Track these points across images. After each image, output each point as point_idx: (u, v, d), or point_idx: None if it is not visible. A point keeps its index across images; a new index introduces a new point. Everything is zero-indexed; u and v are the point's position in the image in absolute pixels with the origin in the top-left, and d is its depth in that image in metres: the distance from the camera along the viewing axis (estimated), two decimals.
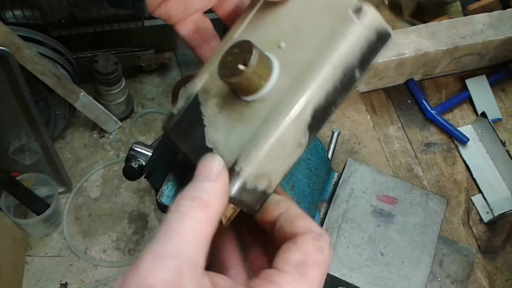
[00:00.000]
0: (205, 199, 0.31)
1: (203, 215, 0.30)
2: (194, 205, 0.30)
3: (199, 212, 0.30)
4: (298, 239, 0.32)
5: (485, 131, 1.08)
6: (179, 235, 0.28)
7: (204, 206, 0.30)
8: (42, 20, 1.04)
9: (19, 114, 0.92)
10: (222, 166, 0.33)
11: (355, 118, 1.08)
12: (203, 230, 0.29)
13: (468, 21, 1.12)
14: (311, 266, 0.31)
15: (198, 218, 0.29)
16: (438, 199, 0.79)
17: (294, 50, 0.36)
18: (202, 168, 0.33)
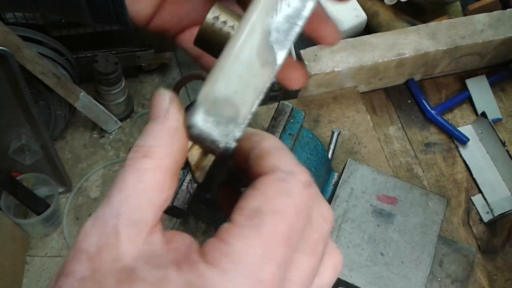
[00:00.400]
0: (150, 145, 0.26)
1: (149, 163, 0.25)
2: (138, 155, 0.26)
3: (144, 161, 0.25)
4: (257, 181, 0.25)
5: (485, 131, 1.08)
6: (120, 193, 0.25)
7: (149, 153, 0.26)
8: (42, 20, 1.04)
9: (19, 114, 0.92)
10: (169, 100, 0.28)
11: (355, 118, 1.08)
12: (152, 180, 0.25)
13: (468, 21, 1.12)
14: (269, 214, 0.24)
15: (142, 168, 0.25)
16: (438, 199, 0.79)
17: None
18: (150, 107, 0.28)
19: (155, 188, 0.25)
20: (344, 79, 1.07)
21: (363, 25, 1.19)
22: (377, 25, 1.21)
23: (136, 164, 0.25)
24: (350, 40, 1.07)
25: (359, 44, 1.07)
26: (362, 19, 1.17)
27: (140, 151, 0.26)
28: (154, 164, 0.25)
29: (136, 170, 0.25)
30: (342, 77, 1.06)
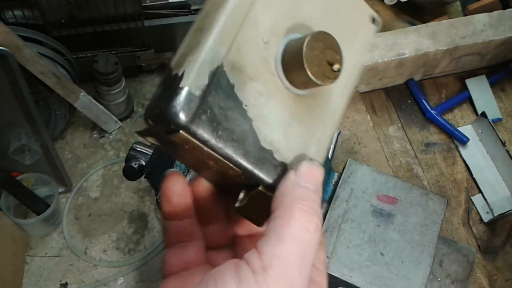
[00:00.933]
0: (320, 221, 0.29)
1: (319, 234, 0.29)
2: (319, 227, 0.29)
3: (320, 237, 0.29)
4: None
5: (485, 131, 1.08)
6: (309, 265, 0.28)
7: (319, 227, 0.29)
8: (42, 20, 1.04)
9: (19, 114, 0.92)
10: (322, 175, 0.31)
11: (355, 118, 1.08)
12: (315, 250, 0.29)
13: (468, 21, 1.12)
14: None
15: (318, 244, 0.29)
16: (438, 199, 0.79)
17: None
18: (309, 174, 0.30)
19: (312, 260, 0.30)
20: None
21: None
22: None
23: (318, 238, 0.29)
24: None
25: None
26: None
27: (320, 222, 0.30)
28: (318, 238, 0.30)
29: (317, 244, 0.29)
30: None
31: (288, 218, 0.28)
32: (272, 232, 0.28)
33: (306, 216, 0.28)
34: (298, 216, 0.28)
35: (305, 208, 0.28)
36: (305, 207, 0.28)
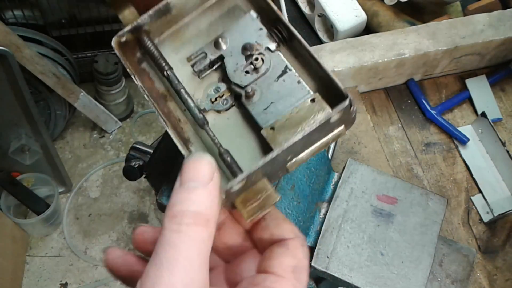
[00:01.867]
0: (205, 215, 0.29)
1: (206, 233, 0.29)
2: (196, 223, 0.28)
3: (202, 231, 0.29)
4: (289, 244, 0.34)
5: (485, 131, 1.08)
6: (187, 262, 0.27)
7: (206, 223, 0.29)
8: (42, 20, 1.04)
9: (19, 114, 0.92)
10: (213, 166, 0.31)
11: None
12: (207, 249, 0.29)
13: (468, 21, 1.11)
14: (303, 271, 0.33)
15: (202, 238, 0.28)
16: (438, 199, 0.79)
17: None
18: (191, 171, 0.30)
19: (208, 256, 0.29)
20: (344, 79, 1.07)
21: (363, 25, 1.19)
22: (377, 25, 1.21)
23: (196, 234, 0.28)
24: (350, 40, 1.07)
25: (359, 44, 1.07)
26: (362, 19, 1.17)
27: (197, 219, 0.29)
28: (209, 234, 0.29)
29: (197, 240, 0.28)
30: (342, 77, 1.06)
31: (161, 231, 0.29)
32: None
33: (174, 221, 0.28)
34: (166, 225, 0.29)
35: (173, 214, 0.29)
36: (173, 213, 0.29)
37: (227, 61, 0.43)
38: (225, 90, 0.44)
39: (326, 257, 0.72)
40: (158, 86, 0.45)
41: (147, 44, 0.42)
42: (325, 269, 0.71)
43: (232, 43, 0.44)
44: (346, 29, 1.16)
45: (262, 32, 0.44)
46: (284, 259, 0.32)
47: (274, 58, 0.44)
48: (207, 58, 0.43)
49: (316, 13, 1.21)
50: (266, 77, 0.44)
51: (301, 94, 0.45)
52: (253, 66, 0.43)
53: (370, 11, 1.21)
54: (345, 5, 1.17)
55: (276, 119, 0.44)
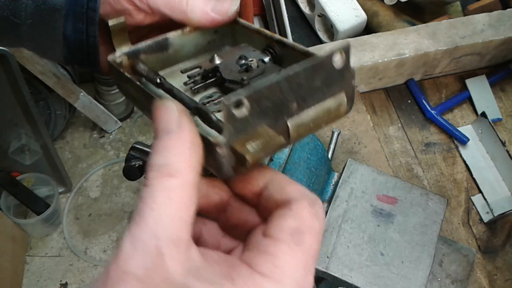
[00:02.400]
0: (171, 163, 0.27)
1: (175, 181, 0.27)
2: (162, 174, 0.27)
3: (170, 180, 0.27)
4: (292, 204, 0.30)
5: (485, 131, 1.08)
6: (153, 212, 0.26)
7: (173, 171, 0.27)
8: None
9: (19, 114, 0.92)
10: (178, 111, 0.29)
11: (355, 118, 1.08)
12: (180, 197, 0.26)
13: (468, 21, 1.12)
14: (307, 233, 0.29)
15: (170, 186, 0.26)
16: (438, 199, 0.79)
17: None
18: (158, 120, 0.28)
19: (184, 205, 0.27)
20: None
21: (363, 25, 1.19)
22: (377, 25, 1.21)
23: (163, 183, 0.26)
24: (350, 40, 1.07)
25: (359, 44, 1.07)
26: (362, 19, 1.17)
27: (163, 169, 0.27)
28: (179, 182, 0.27)
29: (164, 188, 0.26)
30: None
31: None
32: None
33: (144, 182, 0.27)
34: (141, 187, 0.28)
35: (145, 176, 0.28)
36: (145, 174, 0.27)
37: (222, 68, 0.43)
38: (218, 96, 0.43)
39: (326, 257, 0.72)
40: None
41: (141, 68, 0.42)
42: (325, 269, 0.71)
43: (227, 57, 0.44)
44: (346, 29, 1.16)
45: (256, 52, 0.44)
46: (284, 220, 0.29)
47: (268, 66, 0.44)
48: (201, 70, 0.43)
49: (316, 13, 1.21)
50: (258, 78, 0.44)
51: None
52: (247, 67, 0.43)
53: (370, 11, 1.21)
54: (345, 5, 1.17)
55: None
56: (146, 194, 0.26)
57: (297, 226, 0.29)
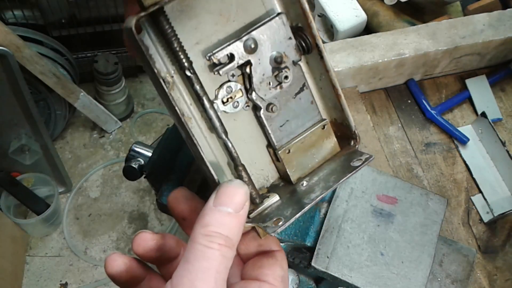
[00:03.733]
0: (233, 239, 0.34)
1: (231, 254, 0.34)
2: (226, 245, 0.34)
3: (229, 252, 0.34)
4: (277, 255, 0.39)
5: (485, 131, 1.08)
6: (218, 274, 0.32)
7: (233, 246, 0.34)
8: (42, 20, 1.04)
9: (19, 114, 0.92)
10: (246, 195, 0.36)
11: (355, 118, 1.08)
12: (229, 266, 0.34)
13: (468, 21, 1.11)
14: (287, 281, 0.38)
15: (228, 258, 0.34)
16: (438, 199, 0.79)
17: None
18: (228, 196, 0.35)
19: (227, 275, 0.34)
20: (344, 79, 1.07)
21: (363, 25, 1.19)
22: (377, 25, 1.21)
23: (226, 253, 0.34)
24: (350, 40, 1.07)
25: (359, 44, 1.07)
26: (362, 19, 1.17)
27: (227, 242, 0.34)
28: (233, 255, 0.34)
29: (226, 258, 0.33)
30: (342, 77, 1.06)
31: (192, 243, 0.34)
32: (182, 258, 0.34)
33: (208, 239, 0.33)
34: (200, 240, 0.34)
35: (206, 233, 0.34)
36: (207, 232, 0.34)
37: (254, 69, 0.41)
38: (238, 90, 0.42)
39: (326, 257, 0.72)
40: (160, 68, 0.40)
41: (166, 29, 0.37)
42: (325, 269, 0.71)
43: (261, 48, 0.41)
44: (346, 29, 1.16)
45: (291, 42, 0.42)
46: (276, 269, 0.37)
47: (295, 72, 0.43)
48: (234, 60, 0.40)
49: (316, 13, 1.21)
50: (285, 93, 0.43)
51: (313, 116, 0.45)
52: (279, 81, 0.42)
53: (370, 11, 1.21)
54: (345, 5, 1.17)
55: (289, 139, 0.45)
56: (211, 255, 0.33)
57: (283, 274, 0.38)
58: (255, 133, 0.44)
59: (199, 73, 0.41)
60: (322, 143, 0.46)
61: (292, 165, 0.44)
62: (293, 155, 0.44)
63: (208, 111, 0.40)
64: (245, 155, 0.44)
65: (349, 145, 0.47)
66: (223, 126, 0.41)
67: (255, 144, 0.45)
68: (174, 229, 1.67)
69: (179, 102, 0.41)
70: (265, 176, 0.46)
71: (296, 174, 0.46)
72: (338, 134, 0.47)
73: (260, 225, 0.39)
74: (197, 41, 0.40)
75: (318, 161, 0.46)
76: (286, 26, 0.42)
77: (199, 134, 0.42)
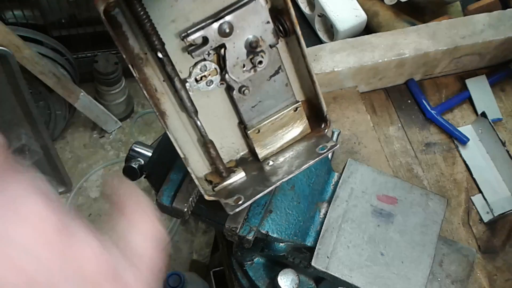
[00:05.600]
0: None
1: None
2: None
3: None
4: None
5: (485, 131, 1.08)
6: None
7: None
8: (42, 20, 1.04)
9: (19, 114, 0.92)
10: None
11: (355, 118, 1.08)
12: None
13: (468, 21, 1.11)
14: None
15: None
16: (438, 199, 0.79)
17: None
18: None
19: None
20: (344, 79, 1.07)
21: (363, 25, 1.19)
22: (377, 25, 1.21)
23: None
24: (350, 40, 1.07)
25: (359, 44, 1.07)
26: (362, 19, 1.17)
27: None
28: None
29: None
30: (342, 77, 1.06)
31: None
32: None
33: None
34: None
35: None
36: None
37: (228, 52, 0.41)
38: (213, 70, 0.42)
39: (326, 257, 0.72)
40: (133, 44, 0.40)
41: (138, 11, 0.37)
42: (325, 269, 0.71)
43: (237, 32, 0.41)
44: (346, 29, 1.16)
45: (268, 26, 0.42)
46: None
47: (272, 55, 0.43)
48: (208, 44, 0.40)
49: (316, 13, 1.21)
50: (260, 75, 0.44)
51: (286, 98, 0.45)
52: (253, 64, 0.42)
53: (370, 11, 1.21)
54: (345, 5, 1.17)
55: (260, 119, 0.45)
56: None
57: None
58: (227, 109, 0.45)
59: (173, 51, 0.40)
60: (293, 125, 0.46)
61: (260, 144, 0.45)
62: (262, 134, 0.45)
63: (179, 92, 0.40)
64: (216, 130, 0.45)
65: (319, 128, 0.49)
66: (193, 106, 0.41)
67: (227, 120, 0.45)
68: (174, 230, 1.67)
69: (152, 78, 0.41)
70: (235, 149, 0.47)
71: (264, 152, 0.47)
72: (311, 113, 0.48)
73: (222, 201, 0.41)
74: (173, 19, 0.39)
75: (287, 141, 0.47)
76: (265, 9, 0.41)
77: (172, 110, 0.42)
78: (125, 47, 0.39)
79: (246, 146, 0.48)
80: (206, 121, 0.43)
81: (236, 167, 0.47)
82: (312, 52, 1.03)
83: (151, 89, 0.41)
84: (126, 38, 0.39)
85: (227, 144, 0.46)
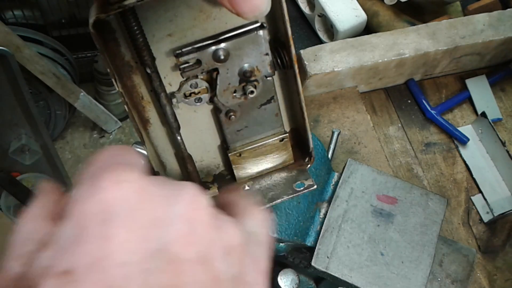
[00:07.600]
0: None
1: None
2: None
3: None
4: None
5: (485, 131, 1.08)
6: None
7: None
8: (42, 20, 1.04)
9: (19, 114, 0.92)
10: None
11: (355, 118, 1.08)
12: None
13: (468, 21, 1.11)
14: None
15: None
16: (438, 199, 0.79)
17: None
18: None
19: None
20: (344, 79, 1.07)
21: (363, 25, 1.19)
22: (377, 25, 1.21)
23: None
24: (350, 40, 1.07)
25: (359, 44, 1.07)
26: (362, 19, 1.17)
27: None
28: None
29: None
30: (342, 77, 1.06)
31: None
32: None
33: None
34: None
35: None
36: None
37: (220, 77, 0.40)
38: (204, 88, 0.41)
39: (326, 257, 0.72)
40: (124, 52, 0.40)
41: (132, 25, 0.36)
42: (325, 269, 0.71)
43: (233, 59, 0.40)
44: (346, 29, 1.16)
45: (266, 58, 0.41)
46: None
47: (266, 85, 0.42)
48: (200, 66, 0.39)
49: (316, 13, 1.21)
50: (250, 102, 0.43)
51: (275, 127, 0.45)
52: (244, 91, 0.42)
53: (370, 11, 1.21)
54: (345, 5, 1.17)
55: (244, 143, 0.44)
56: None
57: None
58: (212, 127, 0.45)
59: (165, 65, 0.40)
60: (277, 154, 0.46)
61: (239, 167, 0.45)
62: (243, 158, 0.44)
63: (164, 107, 0.40)
64: (199, 143, 0.44)
65: (303, 161, 0.48)
66: (176, 121, 0.41)
67: (211, 136, 0.45)
68: None
69: (140, 86, 0.41)
70: (216, 164, 0.47)
71: (242, 175, 0.46)
72: (297, 143, 0.47)
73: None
74: (170, 33, 0.39)
75: (267, 168, 0.47)
76: (265, 41, 0.40)
77: (156, 118, 0.42)
78: (113, 57, 0.38)
79: (226, 164, 0.47)
80: (189, 134, 0.43)
81: (212, 182, 0.46)
82: (312, 52, 1.03)
83: (137, 96, 0.40)
84: (118, 44, 0.38)
85: (208, 158, 0.46)
